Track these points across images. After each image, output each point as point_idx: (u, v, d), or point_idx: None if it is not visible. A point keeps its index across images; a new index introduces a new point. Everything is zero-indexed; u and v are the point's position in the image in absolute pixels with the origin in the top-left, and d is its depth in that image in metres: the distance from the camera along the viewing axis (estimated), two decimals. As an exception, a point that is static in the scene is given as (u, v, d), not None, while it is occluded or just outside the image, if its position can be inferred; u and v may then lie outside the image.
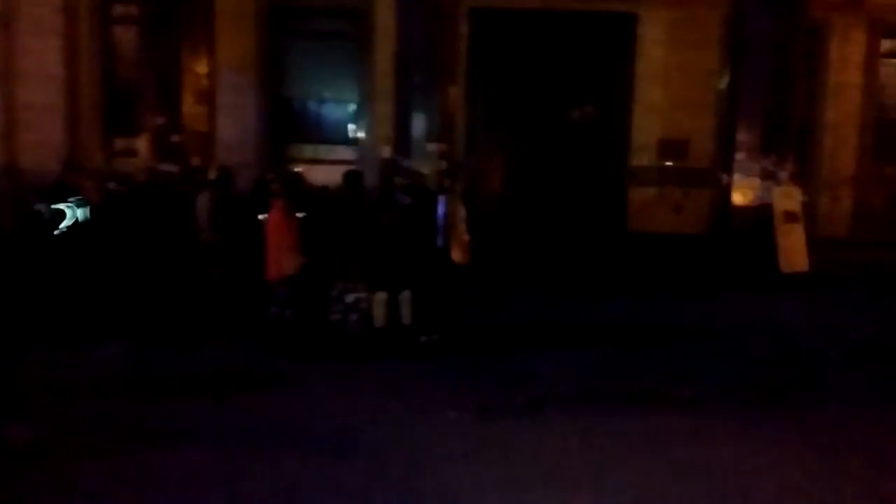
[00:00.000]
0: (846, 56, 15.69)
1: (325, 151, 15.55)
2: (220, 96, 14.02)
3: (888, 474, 4.84)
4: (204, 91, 13.14)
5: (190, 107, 12.89)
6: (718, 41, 15.24)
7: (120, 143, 14.38)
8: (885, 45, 15.86)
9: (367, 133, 15.49)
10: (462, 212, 12.67)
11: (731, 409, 6.02)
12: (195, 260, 8.27)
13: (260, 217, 7.81)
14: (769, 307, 10.19)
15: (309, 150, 15.62)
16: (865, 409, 6.09)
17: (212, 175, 9.27)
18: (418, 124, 13.34)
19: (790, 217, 13.03)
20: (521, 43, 15.50)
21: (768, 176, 13.38)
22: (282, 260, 7.20)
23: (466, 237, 12.48)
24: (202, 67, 13.10)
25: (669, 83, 15.40)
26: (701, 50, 15.30)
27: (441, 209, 9.38)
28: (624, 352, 7.70)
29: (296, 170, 13.78)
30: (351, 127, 15.82)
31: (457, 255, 11.69)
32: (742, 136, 13.68)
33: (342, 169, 13.49)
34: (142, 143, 12.86)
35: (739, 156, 13.80)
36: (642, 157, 15.63)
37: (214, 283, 8.23)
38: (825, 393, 6.51)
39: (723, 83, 15.11)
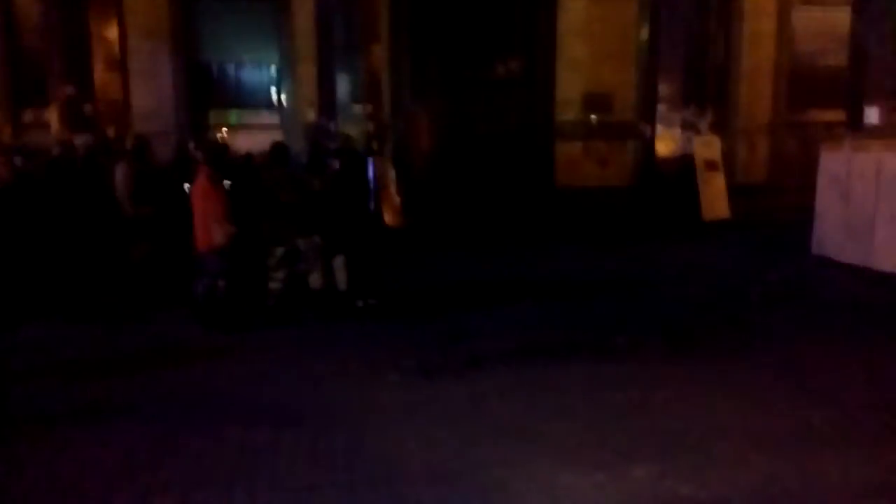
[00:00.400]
0: (760, 5, 16.09)
1: (247, 116, 15.13)
2: (133, 63, 13.41)
3: (812, 405, 5.10)
4: (115, 58, 12.54)
5: (101, 74, 12.30)
6: (638, -6, 15.41)
7: (29, 116, 13.64)
8: (797, -6, 16.33)
9: (290, 96, 15.12)
10: (392, 173, 12.66)
11: (664, 354, 6.23)
12: (118, 234, 7.98)
13: (185, 187, 7.58)
14: (694, 254, 10.55)
15: (230, 116, 15.17)
16: (787, 346, 6.40)
17: (128, 145, 8.92)
18: (343, 86, 13.11)
19: (711, 166, 13.45)
20: (443, -1, 15.31)
21: (689, 126, 13.74)
22: (210, 230, 7.01)
23: (398, 199, 12.49)
24: (111, 33, 12.48)
25: (592, 37, 15.51)
26: (621, 3, 15.44)
27: (371, 172, 9.28)
28: (558, 305, 7.86)
29: (219, 136, 13.41)
30: (273, 90, 15.42)
31: (389, 217, 11.68)
32: (663, 88, 13.98)
33: (266, 134, 13.26)
34: (52, 115, 12.23)
35: (661, 107, 14.11)
36: (567, 112, 15.78)
37: (140, 257, 7.97)
38: (749, 333, 6.80)
39: (643, 36, 15.32)
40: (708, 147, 13.50)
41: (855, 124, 13.74)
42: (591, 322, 7.22)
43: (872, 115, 14.73)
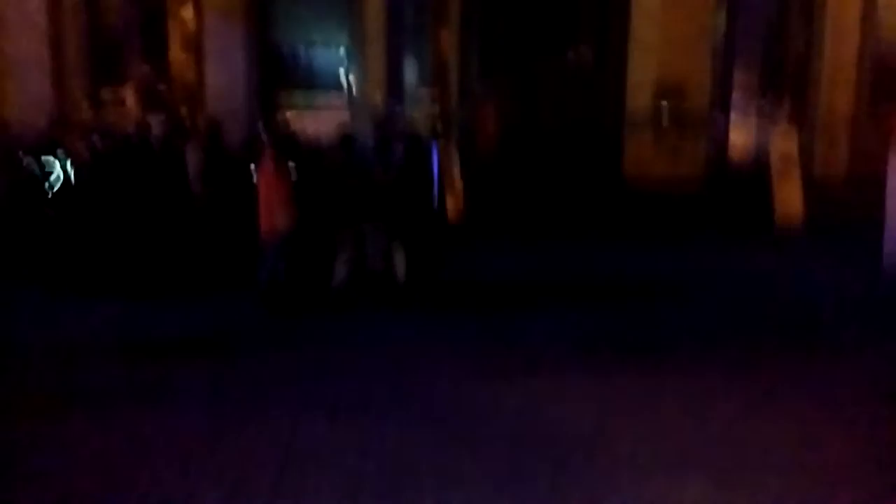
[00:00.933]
0: (845, -8, 15.34)
1: (316, 97, 15.29)
2: (207, 43, 13.67)
3: (886, 424, 4.89)
4: (190, 38, 12.80)
5: (176, 54, 12.59)
6: (715, -22, 14.88)
7: (106, 94, 14.07)
8: (887, -19, 15.50)
9: (358, 78, 15.20)
10: (456, 158, 12.60)
11: (726, 365, 6.03)
12: (188, 215, 8.19)
13: (252, 169, 7.72)
14: (766, 257, 10.16)
15: (300, 97, 15.35)
16: (859, 363, 6.13)
17: (200, 126, 9.12)
18: (410, 69, 13.09)
19: (787, 159, 12.91)
20: (514, -17, 15.11)
21: (766, 116, 13.20)
22: (275, 214, 7.12)
23: (460, 184, 12.43)
24: (188, 13, 12.74)
25: (665, 22, 15.05)
26: (697, -13, 14.95)
27: (434, 157, 9.25)
28: (621, 307, 7.66)
29: (286, 117, 13.57)
30: (342, 72, 15.52)
31: (451, 203, 11.63)
32: (739, 77, 13.47)
33: (334, 115, 13.36)
34: (129, 93, 12.60)
35: (736, 96, 13.60)
36: (639, 99, 15.39)
37: (207, 235, 8.15)
38: (819, 347, 6.54)
39: (719, 22, 14.80)
40: (785, 139, 12.96)
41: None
42: (652, 328, 7.03)
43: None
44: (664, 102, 15.27)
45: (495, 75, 15.34)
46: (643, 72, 15.22)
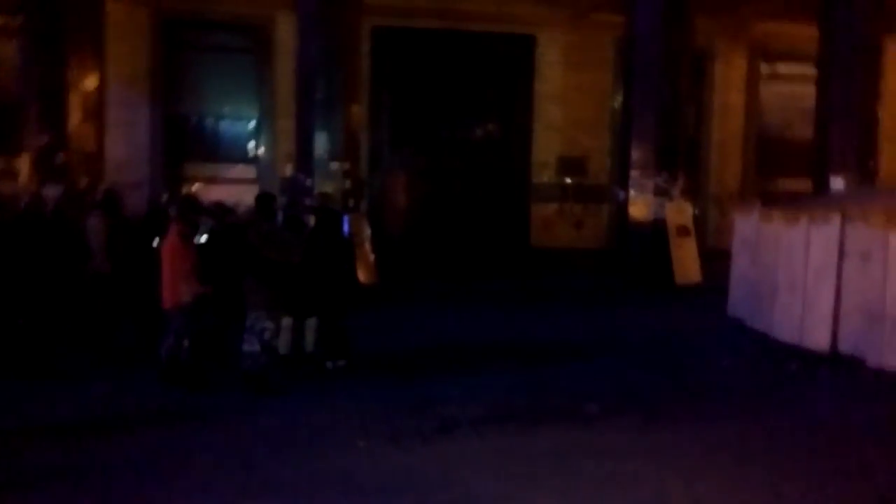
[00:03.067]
0: (729, 79, 16.63)
1: (223, 170, 15.12)
2: (110, 113, 13.39)
3: (789, 479, 5.04)
4: (92, 108, 12.48)
5: (76, 124, 12.19)
6: (612, 63, 15.87)
7: (-1, 163, 13.46)
8: (765, 68, 16.94)
9: (267, 151, 15.16)
10: (367, 231, 12.65)
11: (636, 422, 6.15)
12: (85, 288, 7.81)
13: (154, 243, 7.47)
14: (666, 318, 10.58)
15: (206, 169, 15.14)
16: (761, 415, 6.36)
17: (98, 197, 8.80)
18: (321, 142, 13.15)
19: (682, 231, 13.61)
20: (424, 62, 15.63)
21: (661, 192, 13.88)
22: (177, 287, 6.89)
23: (372, 256, 12.45)
24: (90, 83, 12.45)
25: (567, 103, 15.89)
26: (596, 71, 15.88)
27: (346, 229, 9.23)
28: (531, 369, 7.80)
29: (192, 190, 13.34)
30: (250, 144, 15.45)
31: (362, 274, 11.59)
32: (636, 154, 14.19)
33: (241, 188, 13.22)
34: (23, 164, 12.08)
35: (634, 173, 14.30)
36: (543, 174, 16.03)
37: (105, 311, 7.79)
38: (722, 400, 6.78)
39: (617, 103, 15.70)
40: (679, 213, 13.68)
41: (820, 193, 14.02)
42: (563, 388, 7.16)
43: (838, 184, 15.04)
44: (567, 179, 15.95)
45: (405, 149, 15.63)
46: (547, 149, 15.91)
